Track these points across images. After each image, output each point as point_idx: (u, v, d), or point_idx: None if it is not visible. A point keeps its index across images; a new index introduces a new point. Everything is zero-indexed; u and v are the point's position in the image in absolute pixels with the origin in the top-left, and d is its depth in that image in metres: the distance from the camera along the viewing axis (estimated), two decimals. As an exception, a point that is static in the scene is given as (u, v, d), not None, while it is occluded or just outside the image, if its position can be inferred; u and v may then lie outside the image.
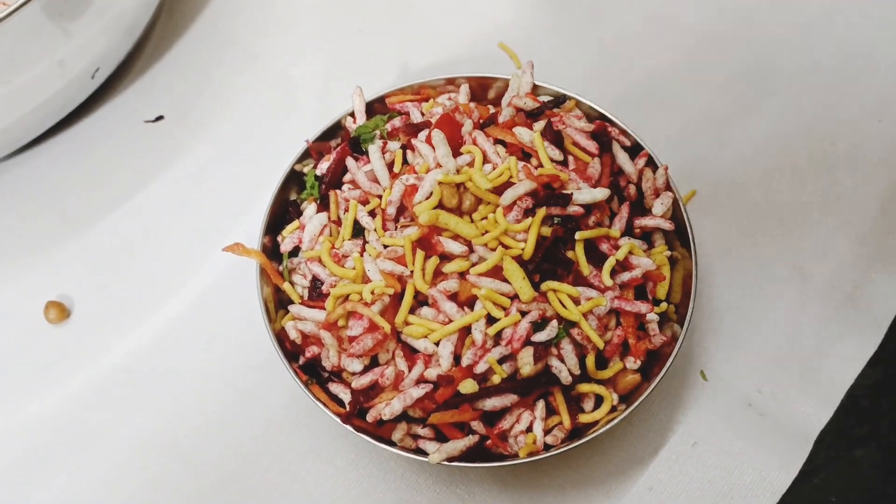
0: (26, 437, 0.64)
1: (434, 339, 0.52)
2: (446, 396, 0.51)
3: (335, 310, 0.53)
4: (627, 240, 0.56)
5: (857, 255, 0.69)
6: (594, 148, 0.58)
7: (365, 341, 0.52)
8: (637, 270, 0.55)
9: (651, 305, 0.55)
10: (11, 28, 0.60)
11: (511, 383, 0.52)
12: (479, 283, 0.52)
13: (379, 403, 0.53)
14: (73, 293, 0.68)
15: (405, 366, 0.53)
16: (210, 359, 0.66)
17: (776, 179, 0.72)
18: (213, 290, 0.68)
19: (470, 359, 0.51)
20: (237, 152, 0.74)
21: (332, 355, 0.54)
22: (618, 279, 0.55)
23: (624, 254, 0.55)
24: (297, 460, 0.62)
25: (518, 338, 0.51)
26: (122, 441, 0.63)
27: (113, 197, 0.72)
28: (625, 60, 0.78)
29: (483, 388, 0.52)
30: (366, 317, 0.52)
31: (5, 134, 0.70)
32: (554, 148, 0.57)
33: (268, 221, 0.60)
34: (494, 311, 0.52)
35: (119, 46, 0.74)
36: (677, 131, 0.74)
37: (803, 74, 0.77)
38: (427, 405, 0.52)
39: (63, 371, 0.66)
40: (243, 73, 0.78)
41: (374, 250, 0.55)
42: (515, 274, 0.51)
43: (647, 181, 0.59)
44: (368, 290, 0.53)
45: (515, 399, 0.52)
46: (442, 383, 0.52)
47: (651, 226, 0.58)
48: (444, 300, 0.52)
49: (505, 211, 0.53)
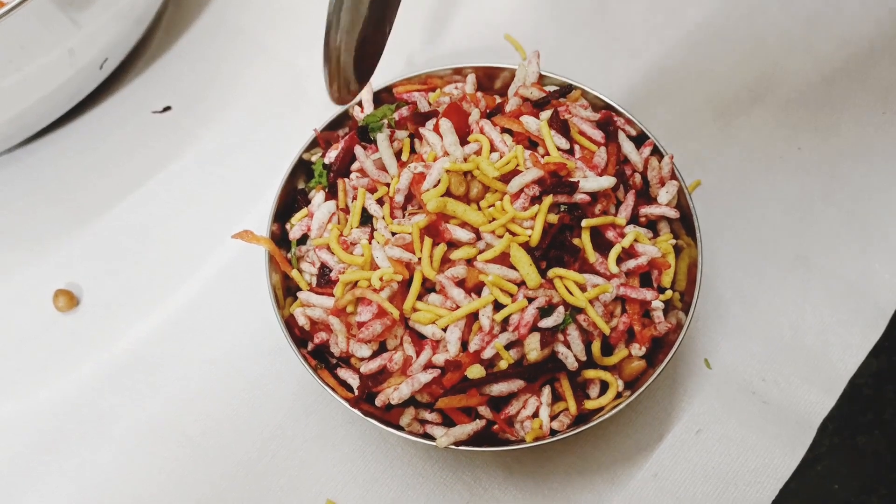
0: (36, 424, 0.64)
1: (442, 324, 0.52)
2: (454, 381, 0.52)
3: (344, 296, 0.54)
4: (633, 228, 0.57)
5: (861, 244, 0.69)
6: (600, 137, 0.58)
7: (374, 327, 0.53)
8: (642, 258, 0.56)
9: (656, 293, 0.55)
10: (23, 18, 0.61)
11: (518, 369, 0.52)
12: (486, 269, 0.53)
13: (387, 388, 0.53)
14: (81, 282, 0.69)
15: (413, 351, 0.53)
16: (219, 346, 0.66)
17: (781, 169, 0.72)
18: (221, 278, 0.69)
19: (477, 344, 0.52)
20: (245, 142, 0.75)
21: (341, 341, 0.55)
22: (623, 266, 0.55)
23: (630, 241, 0.55)
24: (305, 446, 0.62)
25: (525, 324, 0.51)
26: (131, 428, 0.64)
27: (121, 186, 0.73)
28: (630, 51, 0.78)
29: (490, 374, 0.52)
30: (375, 303, 0.53)
31: (14, 123, 0.70)
32: (560, 137, 0.57)
33: (276, 210, 0.60)
34: (501, 297, 0.52)
35: (128, 37, 0.74)
36: (682, 121, 0.75)
37: (808, 65, 0.77)
38: (435, 390, 0.53)
39: (72, 359, 0.66)
40: (251, 63, 0.78)
41: (383, 237, 0.55)
42: (522, 260, 0.52)
43: (652, 170, 0.59)
44: (377, 277, 0.53)
45: (522, 385, 0.53)
46: (450, 368, 0.52)
47: (656, 214, 0.58)
48: (452, 286, 0.53)
49: (512, 198, 0.54)
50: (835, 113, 0.75)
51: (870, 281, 0.68)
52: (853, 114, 0.75)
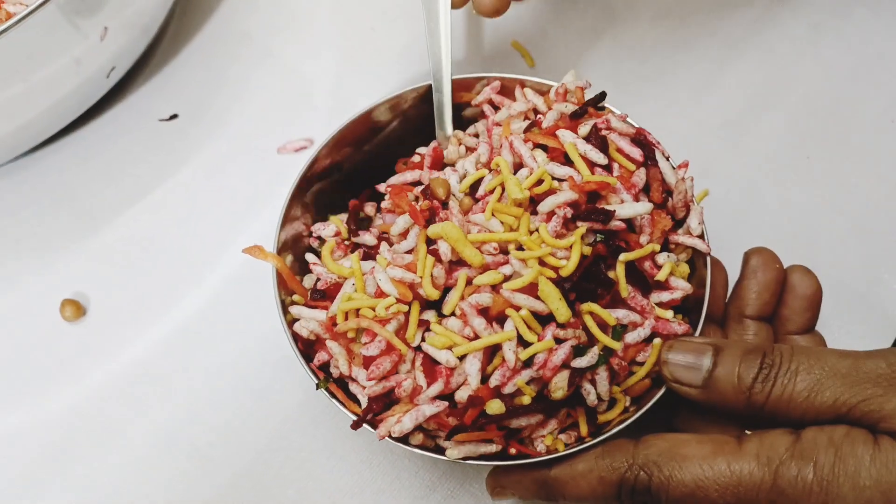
0: (43, 435, 0.64)
1: (459, 353, 0.49)
2: (473, 417, 0.49)
3: (346, 321, 0.52)
4: (667, 258, 0.54)
5: (870, 255, 0.69)
6: (639, 155, 0.55)
7: (384, 365, 0.50)
8: (677, 293, 0.53)
9: (688, 326, 0.53)
10: (30, 27, 0.61)
11: (540, 405, 0.50)
12: (514, 300, 0.49)
13: (390, 417, 0.51)
14: (88, 291, 0.69)
15: (424, 380, 0.50)
16: (226, 355, 0.66)
17: (789, 178, 0.72)
18: (228, 287, 0.69)
19: (498, 380, 0.49)
20: (252, 149, 0.75)
21: (342, 365, 0.52)
22: (653, 298, 0.53)
23: (665, 275, 0.53)
24: (312, 458, 0.62)
25: (552, 366, 0.49)
26: (137, 438, 0.64)
27: (127, 195, 0.73)
28: (638, 58, 0.78)
29: (510, 408, 0.50)
30: (382, 337, 0.50)
31: (21, 132, 0.70)
32: (598, 152, 0.53)
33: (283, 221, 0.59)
34: (528, 334, 0.49)
35: (135, 45, 0.74)
36: (690, 129, 0.74)
37: (816, 74, 0.77)
38: (442, 421, 0.51)
39: (79, 369, 0.66)
40: (257, 70, 0.78)
41: (385, 260, 0.53)
42: (552, 295, 0.49)
43: (678, 193, 0.55)
44: (383, 307, 0.50)
45: (541, 418, 0.51)
46: (470, 404, 0.49)
47: (687, 245, 0.55)
48: (475, 315, 0.50)
49: (544, 219, 0.51)
50: (843, 121, 0.75)
51: (878, 291, 0.68)
52: (862, 122, 0.74)
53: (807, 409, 0.47)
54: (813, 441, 0.46)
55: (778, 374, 0.48)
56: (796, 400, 0.47)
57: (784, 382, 0.47)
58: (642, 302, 0.52)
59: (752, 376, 0.48)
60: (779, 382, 0.47)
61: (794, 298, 0.58)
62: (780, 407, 0.48)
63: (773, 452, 0.46)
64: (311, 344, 0.56)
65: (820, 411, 0.47)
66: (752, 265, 0.59)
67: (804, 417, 0.47)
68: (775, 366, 0.48)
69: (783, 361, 0.48)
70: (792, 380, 0.47)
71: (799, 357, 0.48)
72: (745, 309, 0.58)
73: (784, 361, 0.48)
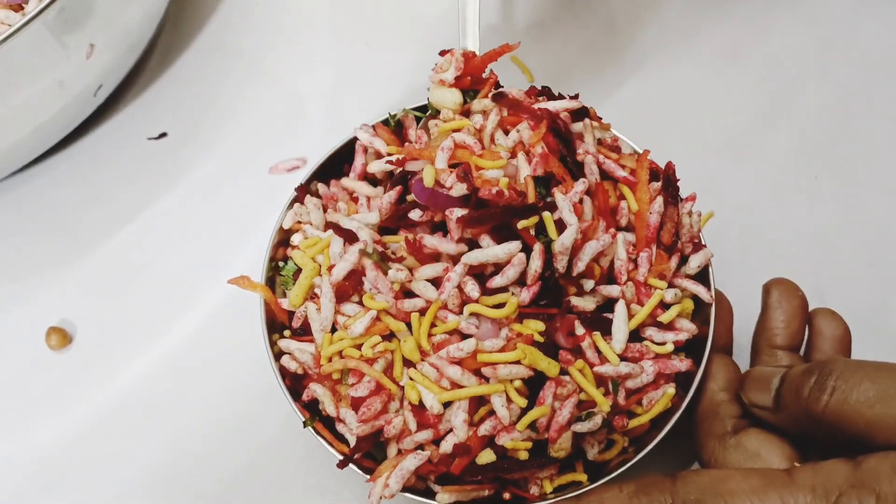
0: (28, 466, 0.63)
1: (443, 399, 0.47)
2: (462, 466, 0.47)
3: (330, 363, 0.50)
4: (672, 295, 0.52)
5: (877, 278, 0.67)
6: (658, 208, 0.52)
7: (374, 405, 0.48)
8: (682, 335, 0.51)
9: (690, 362, 0.51)
10: (13, 48, 0.59)
11: (538, 460, 0.48)
12: (498, 373, 0.47)
13: (378, 478, 0.48)
14: (74, 318, 0.67)
15: (413, 421, 0.48)
16: (215, 385, 0.64)
17: (795, 199, 0.70)
18: (218, 314, 0.67)
19: (488, 430, 0.47)
20: (243, 169, 0.73)
21: (328, 406, 0.50)
22: (657, 338, 0.51)
23: (670, 318, 0.51)
24: (304, 494, 0.61)
25: (557, 426, 0.47)
26: (123, 470, 0.62)
27: (115, 217, 0.71)
28: (640, 73, 0.76)
29: (506, 461, 0.47)
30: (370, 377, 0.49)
31: (6, 155, 0.69)
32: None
33: (272, 252, 0.58)
34: (518, 399, 0.47)
35: (123, 63, 0.72)
36: (694, 147, 0.72)
37: (823, 89, 0.75)
38: (429, 468, 0.49)
39: (65, 399, 0.64)
40: (249, 87, 0.76)
41: (370, 298, 0.50)
42: (538, 358, 0.47)
43: (684, 228, 0.54)
44: (369, 346, 0.48)
45: (538, 471, 0.49)
46: (458, 453, 0.47)
47: (690, 291, 0.53)
48: (447, 366, 0.47)
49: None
50: (850, 140, 0.73)
51: (886, 317, 0.66)
52: (869, 141, 0.72)
53: (872, 422, 0.44)
54: (874, 470, 0.42)
55: (838, 381, 0.45)
56: (860, 410, 0.44)
57: (845, 389, 0.45)
58: (637, 347, 0.50)
59: (811, 384, 0.46)
60: (839, 389, 0.45)
61: (823, 341, 0.55)
62: (843, 417, 0.44)
63: (830, 483, 0.43)
64: (300, 378, 0.54)
65: (888, 426, 0.43)
66: (775, 296, 0.56)
67: (870, 432, 0.44)
68: (834, 374, 0.45)
69: (846, 371, 0.45)
70: (856, 387, 0.44)
71: (866, 368, 0.45)
72: (774, 340, 0.56)
73: (848, 371, 0.45)
